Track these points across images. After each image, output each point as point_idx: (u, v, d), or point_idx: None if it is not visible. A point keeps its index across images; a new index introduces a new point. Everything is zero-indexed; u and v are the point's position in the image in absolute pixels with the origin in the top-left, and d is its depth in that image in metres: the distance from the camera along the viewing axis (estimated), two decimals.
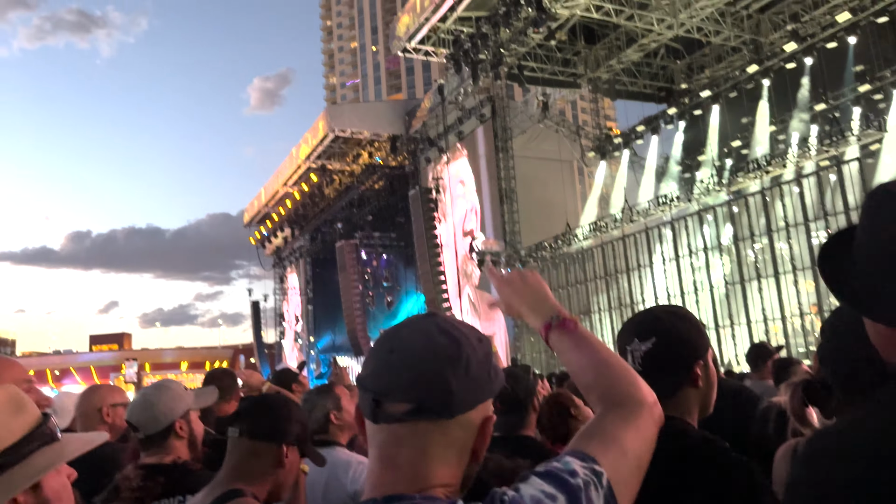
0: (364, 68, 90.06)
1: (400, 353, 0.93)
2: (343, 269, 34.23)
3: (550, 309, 1.27)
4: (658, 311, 1.73)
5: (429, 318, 0.99)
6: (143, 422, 2.33)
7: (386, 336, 0.98)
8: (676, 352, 1.62)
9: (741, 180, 18.53)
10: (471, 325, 1.01)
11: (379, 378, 0.93)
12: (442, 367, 0.91)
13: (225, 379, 4.00)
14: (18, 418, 1.17)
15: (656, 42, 24.32)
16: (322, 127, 33.13)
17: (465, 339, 0.94)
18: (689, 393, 1.62)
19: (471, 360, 0.93)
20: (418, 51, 26.71)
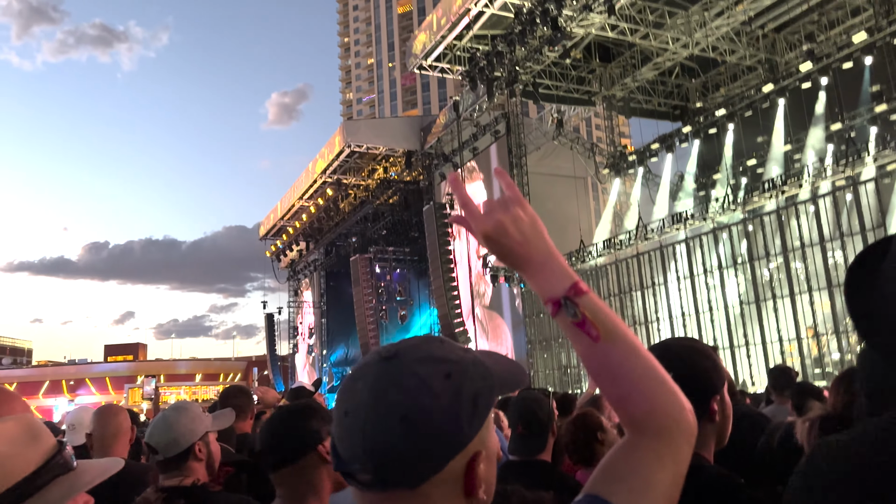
0: (380, 84, 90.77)
1: (352, 416, 0.82)
2: (357, 283, 34.36)
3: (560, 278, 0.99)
4: (674, 346, 1.72)
5: (384, 362, 0.84)
6: (163, 444, 2.33)
7: (342, 391, 0.87)
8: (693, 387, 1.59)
9: (756, 199, 18.47)
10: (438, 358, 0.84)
11: (340, 444, 0.83)
12: (393, 432, 0.78)
13: (241, 397, 4.03)
14: (34, 448, 1.14)
15: (671, 61, 24.39)
16: (338, 142, 33.42)
17: (424, 387, 0.80)
18: (706, 427, 1.62)
19: (432, 414, 0.79)
20: (434, 68, 26.93)
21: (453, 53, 26.18)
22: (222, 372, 74.57)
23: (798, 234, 17.18)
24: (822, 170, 17.03)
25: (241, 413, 3.93)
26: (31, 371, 76.63)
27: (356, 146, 32.83)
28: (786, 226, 17.60)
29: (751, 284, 18.46)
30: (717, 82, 26.23)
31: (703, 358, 1.68)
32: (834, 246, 16.57)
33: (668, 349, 1.73)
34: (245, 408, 3.99)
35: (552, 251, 1.01)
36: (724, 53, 23.17)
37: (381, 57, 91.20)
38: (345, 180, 36.50)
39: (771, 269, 18.21)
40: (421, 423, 0.79)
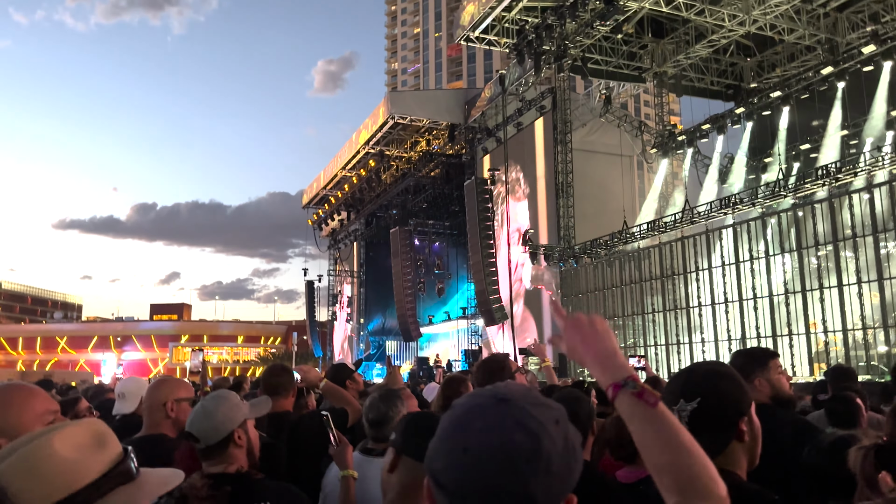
0: (426, 55, 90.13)
1: (474, 454, 0.84)
2: (396, 255, 34.57)
3: (621, 368, 1.20)
4: (701, 371, 1.80)
5: (501, 403, 0.88)
6: (204, 432, 2.37)
7: (456, 426, 0.89)
8: (722, 411, 1.70)
9: (808, 185, 17.91)
10: (547, 403, 0.92)
11: (453, 479, 0.85)
12: (521, 472, 0.83)
13: (283, 375, 4.12)
14: (100, 455, 1.15)
15: (726, 38, 23.65)
16: (382, 113, 33.43)
17: (544, 431, 0.86)
18: (736, 447, 1.71)
19: (552, 457, 0.85)
20: (482, 40, 26.61)
21: (501, 25, 25.81)
22: (263, 335, 76.25)
23: (850, 223, 16.65)
24: (880, 158, 16.41)
25: (283, 391, 4.03)
26: (81, 326, 79.54)
27: (400, 117, 32.81)
28: (837, 214, 17.06)
29: (797, 273, 18.01)
30: (774, 62, 25.36)
31: (729, 381, 1.75)
32: (888, 237, 16.04)
33: (694, 374, 1.81)
34: (287, 386, 4.08)
35: (617, 349, 1.25)
36: (782, 32, 22.35)
37: (428, 26, 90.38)
38: (387, 152, 36.56)
39: (819, 258, 17.72)
40: (545, 465, 0.84)
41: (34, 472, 1.09)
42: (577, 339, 1.25)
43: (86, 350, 69.96)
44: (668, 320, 21.25)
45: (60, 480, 1.10)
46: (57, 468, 1.10)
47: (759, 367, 2.82)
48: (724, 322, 19.55)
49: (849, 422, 3.51)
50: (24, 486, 1.08)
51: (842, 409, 3.63)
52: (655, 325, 21.70)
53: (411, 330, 34.34)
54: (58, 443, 1.12)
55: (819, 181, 17.37)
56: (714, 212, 19.87)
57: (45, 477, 1.09)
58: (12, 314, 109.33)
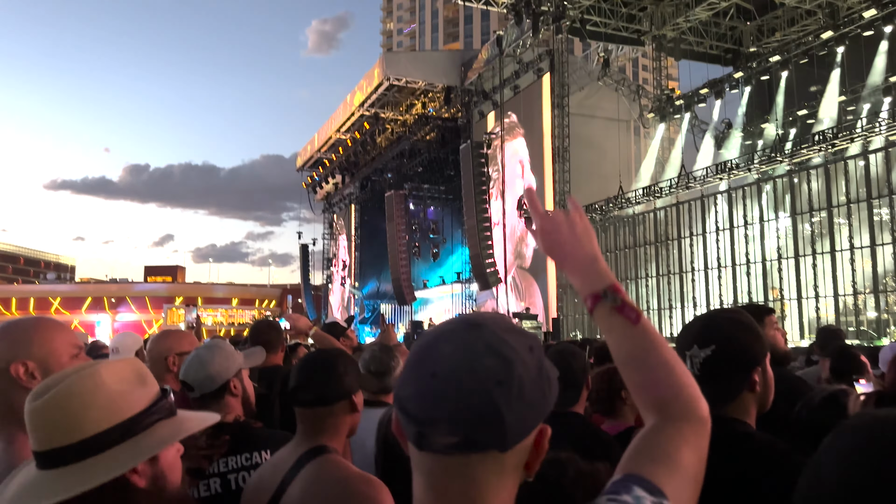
0: (422, 15, 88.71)
1: (443, 378, 0.82)
2: (391, 219, 34.52)
3: (602, 277, 1.12)
4: (719, 319, 1.78)
5: (473, 329, 0.85)
6: (199, 381, 2.36)
7: (425, 352, 0.86)
8: (735, 360, 1.68)
9: (804, 151, 17.89)
10: (520, 331, 0.88)
11: (421, 406, 0.83)
12: (492, 395, 0.80)
13: (271, 332, 4.14)
14: (143, 390, 1.21)
15: (727, 1, 23.33)
16: (377, 74, 33.02)
17: (516, 356, 0.83)
18: (748, 397, 1.70)
19: (524, 382, 0.82)
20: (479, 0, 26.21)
21: None
22: (258, 298, 76.37)
23: (845, 189, 16.69)
24: (877, 124, 16.37)
25: (271, 347, 4.06)
26: (75, 287, 79.39)
27: (395, 79, 32.42)
28: (832, 180, 17.09)
29: (791, 239, 18.11)
30: (773, 26, 25.08)
31: (746, 331, 1.73)
32: (882, 203, 16.10)
33: (712, 321, 1.79)
34: (275, 342, 4.12)
35: (597, 255, 1.15)
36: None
37: None
38: (382, 114, 36.22)
39: (813, 224, 17.80)
40: (516, 390, 0.81)
41: (85, 399, 1.14)
42: (554, 240, 1.16)
43: (80, 311, 70.04)
44: (661, 285, 21.40)
45: (109, 408, 1.15)
46: (106, 397, 1.16)
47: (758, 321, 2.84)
48: (717, 287, 19.70)
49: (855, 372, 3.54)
50: (73, 414, 1.13)
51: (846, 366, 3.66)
52: (649, 289, 21.85)
53: (405, 294, 34.48)
54: (105, 374, 1.18)
55: (815, 147, 17.35)
56: (710, 177, 19.88)
57: (95, 404, 1.15)
58: (5, 275, 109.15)
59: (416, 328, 30.82)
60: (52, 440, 1.13)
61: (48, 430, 1.13)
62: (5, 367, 1.56)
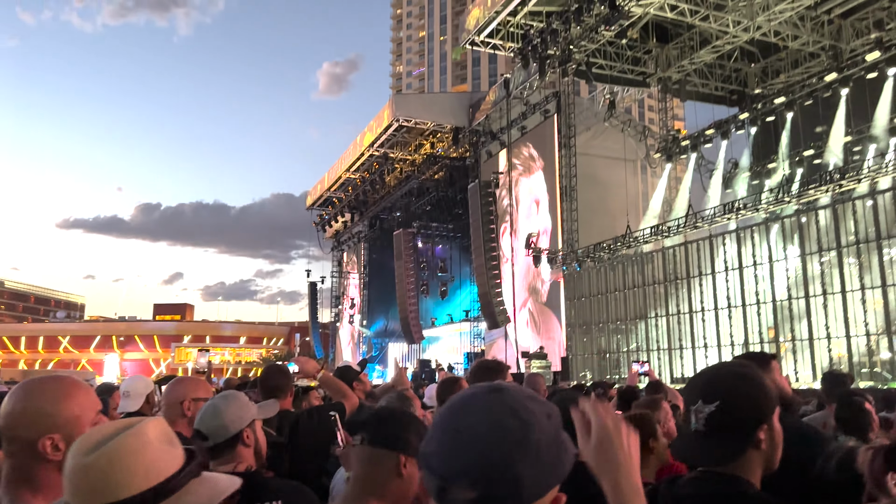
0: (430, 58, 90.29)
1: (466, 434, 0.87)
2: (399, 257, 34.64)
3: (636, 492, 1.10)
4: (724, 373, 1.72)
5: (496, 393, 0.91)
6: (213, 430, 2.40)
7: (451, 411, 0.92)
8: (740, 416, 1.62)
9: (812, 191, 17.93)
10: (540, 399, 0.94)
11: (444, 461, 0.87)
12: (510, 453, 0.85)
13: (280, 377, 4.14)
14: (175, 451, 1.24)
15: (731, 44, 23.68)
16: (387, 115, 33.52)
17: (535, 420, 0.89)
18: (753, 455, 1.63)
19: (541, 445, 0.87)
20: (487, 44, 26.68)
21: (506, 30, 25.88)
22: (266, 336, 76.28)
23: (853, 229, 16.66)
24: (884, 164, 16.43)
25: (280, 392, 4.07)
26: (84, 325, 79.58)
27: (404, 120, 32.90)
28: (841, 220, 17.07)
29: (801, 279, 18.02)
30: (778, 68, 25.38)
31: (752, 385, 1.66)
32: (891, 244, 16.04)
33: (717, 375, 1.73)
34: (285, 387, 4.12)
35: (640, 488, 1.12)
36: (786, 39, 22.40)
37: (433, 30, 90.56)
38: (391, 154, 36.65)
39: (823, 264, 17.72)
40: (535, 452, 0.86)
41: (134, 459, 1.17)
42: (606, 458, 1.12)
43: (88, 350, 70.04)
44: (671, 325, 21.27)
45: (154, 468, 1.18)
46: (151, 456, 1.19)
47: (761, 369, 2.82)
48: (728, 327, 19.56)
49: (859, 428, 3.49)
50: (123, 473, 1.15)
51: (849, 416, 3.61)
52: (658, 329, 21.71)
53: (413, 332, 34.39)
54: (152, 433, 1.21)
55: (822, 187, 17.39)
56: (717, 216, 19.90)
57: (142, 464, 1.17)
58: (15, 313, 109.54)
59: (424, 367, 30.63)
60: (92, 499, 1.14)
61: (88, 489, 1.15)
62: (34, 441, 1.54)
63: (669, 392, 5.59)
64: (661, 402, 3.77)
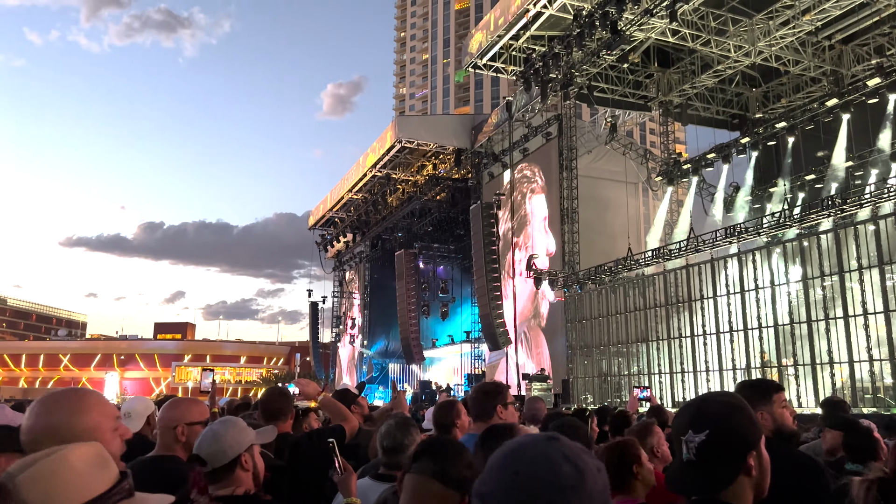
0: (434, 80, 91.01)
1: (525, 476, 0.93)
2: (401, 278, 34.64)
3: None
4: (712, 402, 1.76)
5: (554, 441, 0.99)
6: (211, 455, 2.43)
7: (509, 455, 0.98)
8: (730, 444, 1.67)
9: (813, 216, 17.94)
10: (591, 453, 1.01)
11: (503, 499, 0.93)
12: (567, 496, 0.91)
13: (280, 400, 4.13)
14: (104, 472, 1.29)
15: (732, 69, 23.87)
16: (390, 136, 33.72)
17: (588, 470, 0.95)
18: (744, 481, 1.68)
19: (594, 492, 0.94)
20: (489, 67, 26.90)
21: (509, 53, 26.12)
22: (266, 356, 76.08)
23: (856, 254, 16.64)
24: (886, 189, 16.45)
25: (281, 415, 4.06)
26: (85, 343, 79.46)
27: (407, 141, 33.08)
28: (843, 245, 17.05)
29: (803, 303, 17.96)
30: (779, 93, 25.54)
31: (740, 415, 1.72)
32: (894, 269, 16.00)
33: (705, 405, 1.77)
34: (286, 410, 4.11)
35: None
36: (787, 64, 22.56)
37: (437, 53, 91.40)
38: (394, 175, 36.81)
39: (825, 289, 17.68)
40: (587, 496, 0.93)
41: (54, 482, 1.22)
42: None
43: (89, 368, 69.86)
44: (672, 348, 21.17)
45: (75, 491, 1.23)
46: (74, 480, 1.24)
47: (763, 399, 2.79)
48: (730, 351, 19.47)
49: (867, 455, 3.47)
50: (44, 494, 1.21)
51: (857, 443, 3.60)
52: (660, 352, 21.61)
53: (414, 353, 34.28)
54: (74, 457, 1.26)
55: (824, 211, 17.39)
56: (719, 240, 19.89)
57: (63, 486, 1.22)
58: (17, 331, 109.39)
59: (425, 388, 30.49)
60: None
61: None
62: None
63: (671, 416, 5.57)
64: (653, 428, 3.75)
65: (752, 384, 3.02)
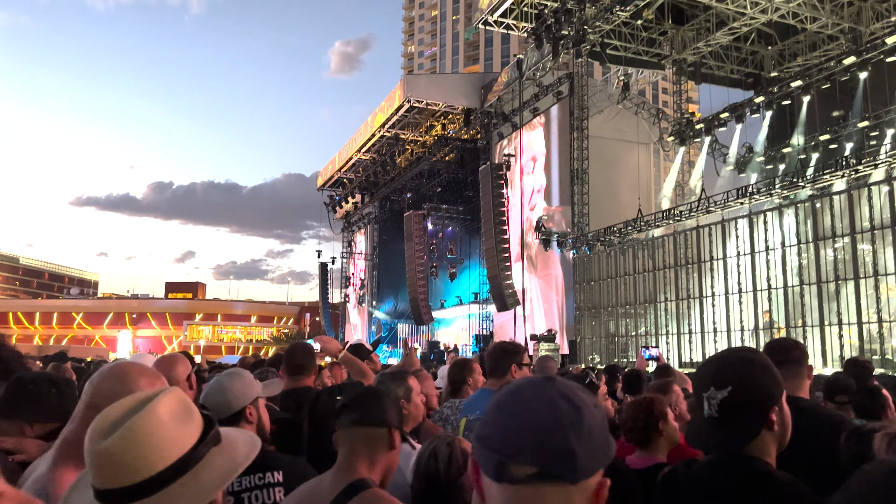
0: (443, 38, 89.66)
1: (524, 416, 0.95)
2: (409, 239, 34.67)
3: None
4: (733, 359, 1.77)
5: (548, 382, 1.00)
6: (217, 406, 2.49)
7: (507, 397, 1.00)
8: (752, 399, 1.69)
9: (827, 177, 17.73)
10: (587, 391, 1.02)
11: (504, 440, 0.95)
12: (566, 432, 0.93)
13: (305, 356, 4.20)
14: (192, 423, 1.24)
15: (748, 26, 23.35)
16: (398, 96, 33.37)
17: (585, 405, 0.96)
18: (767, 436, 1.71)
19: (592, 426, 0.95)
20: (500, 24, 26.44)
21: (520, 9, 25.64)
22: (276, 315, 76.79)
23: (868, 215, 16.48)
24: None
25: (304, 371, 4.13)
26: (97, 302, 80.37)
27: (416, 101, 32.74)
28: (856, 206, 16.88)
29: (814, 265, 17.88)
30: (795, 51, 25.02)
31: (762, 370, 1.73)
32: None
33: (726, 361, 1.78)
34: (309, 367, 4.20)
35: None
36: (804, 21, 22.04)
37: (446, 9, 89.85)
38: (402, 135, 36.54)
39: (836, 250, 17.58)
40: (587, 432, 0.94)
41: (149, 441, 1.17)
42: None
43: (101, 326, 70.81)
44: (681, 309, 21.21)
45: (169, 446, 1.19)
46: (166, 434, 1.19)
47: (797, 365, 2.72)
48: (738, 312, 19.48)
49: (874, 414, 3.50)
50: (138, 455, 1.16)
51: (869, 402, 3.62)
52: (668, 314, 21.66)
53: (423, 314, 34.50)
54: (162, 412, 1.20)
55: (838, 172, 17.18)
56: (730, 201, 19.73)
57: (156, 444, 1.18)
58: (30, 289, 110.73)
59: (433, 348, 30.78)
60: (114, 480, 1.16)
61: (110, 471, 1.16)
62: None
63: (678, 376, 5.61)
64: (672, 386, 3.78)
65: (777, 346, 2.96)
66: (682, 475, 1.87)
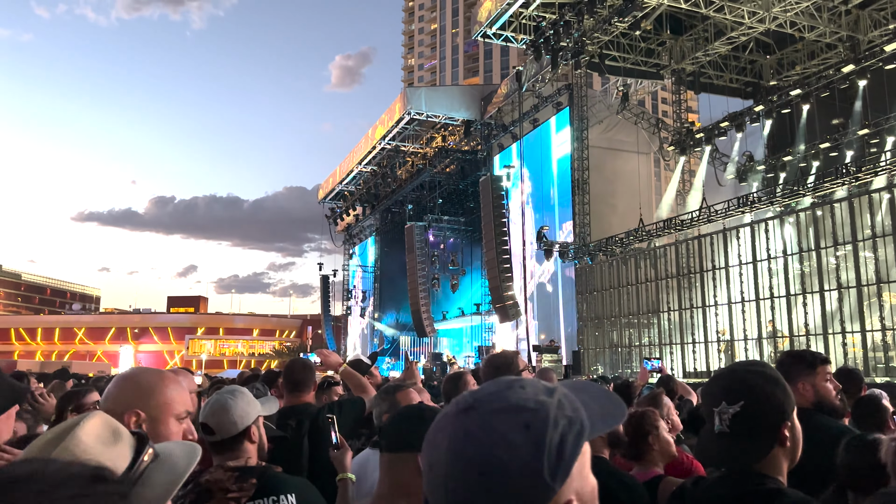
0: (443, 51, 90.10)
1: (435, 470, 0.82)
2: (410, 250, 34.65)
3: None
4: (745, 374, 1.74)
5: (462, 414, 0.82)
6: (221, 425, 2.39)
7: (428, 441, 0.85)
8: (765, 415, 1.66)
9: (828, 185, 17.70)
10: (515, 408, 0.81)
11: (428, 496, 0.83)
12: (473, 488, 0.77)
13: (305, 372, 4.16)
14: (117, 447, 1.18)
15: (746, 35, 23.42)
16: (398, 108, 33.47)
17: (501, 441, 0.78)
18: (778, 452, 1.67)
19: (510, 470, 0.77)
20: (499, 36, 26.53)
21: (519, 22, 25.73)
22: (278, 328, 76.61)
23: (870, 223, 16.44)
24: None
25: (304, 387, 4.09)
26: (99, 317, 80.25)
27: (416, 113, 32.82)
28: (857, 214, 16.85)
29: (816, 273, 17.83)
30: (794, 60, 25.07)
31: (773, 385, 1.70)
32: None
33: (738, 376, 1.74)
34: (308, 382, 4.15)
35: None
36: (802, 30, 22.11)
37: (445, 22, 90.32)
38: (403, 147, 36.63)
39: (838, 258, 17.52)
40: (499, 479, 0.77)
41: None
42: None
43: (103, 341, 70.70)
44: (683, 319, 21.13)
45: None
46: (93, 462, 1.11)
47: (807, 370, 2.74)
48: (741, 322, 19.41)
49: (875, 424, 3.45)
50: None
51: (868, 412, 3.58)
52: (671, 323, 21.58)
53: (425, 326, 34.41)
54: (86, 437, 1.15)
55: (839, 180, 17.16)
56: (731, 210, 19.71)
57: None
58: (32, 305, 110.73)
59: (436, 360, 30.68)
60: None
61: None
62: (121, 413, 1.67)
63: (680, 386, 5.57)
64: (662, 397, 3.75)
65: (798, 354, 2.92)
66: (689, 493, 1.83)
